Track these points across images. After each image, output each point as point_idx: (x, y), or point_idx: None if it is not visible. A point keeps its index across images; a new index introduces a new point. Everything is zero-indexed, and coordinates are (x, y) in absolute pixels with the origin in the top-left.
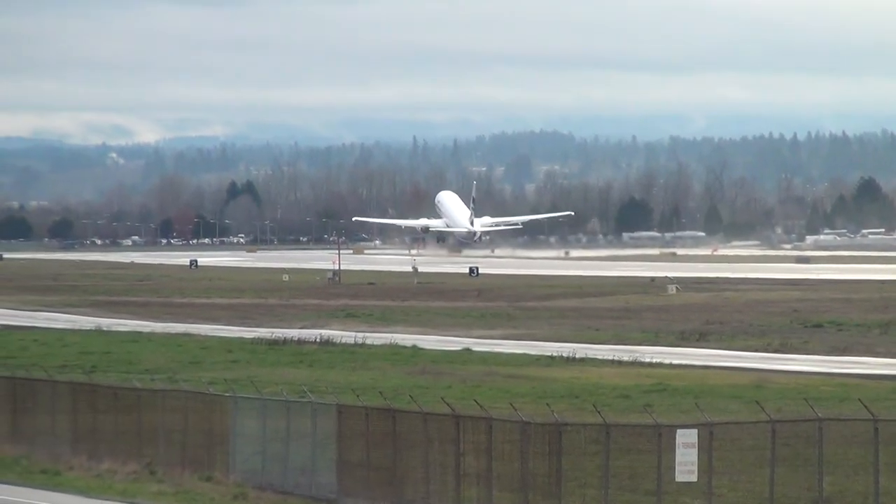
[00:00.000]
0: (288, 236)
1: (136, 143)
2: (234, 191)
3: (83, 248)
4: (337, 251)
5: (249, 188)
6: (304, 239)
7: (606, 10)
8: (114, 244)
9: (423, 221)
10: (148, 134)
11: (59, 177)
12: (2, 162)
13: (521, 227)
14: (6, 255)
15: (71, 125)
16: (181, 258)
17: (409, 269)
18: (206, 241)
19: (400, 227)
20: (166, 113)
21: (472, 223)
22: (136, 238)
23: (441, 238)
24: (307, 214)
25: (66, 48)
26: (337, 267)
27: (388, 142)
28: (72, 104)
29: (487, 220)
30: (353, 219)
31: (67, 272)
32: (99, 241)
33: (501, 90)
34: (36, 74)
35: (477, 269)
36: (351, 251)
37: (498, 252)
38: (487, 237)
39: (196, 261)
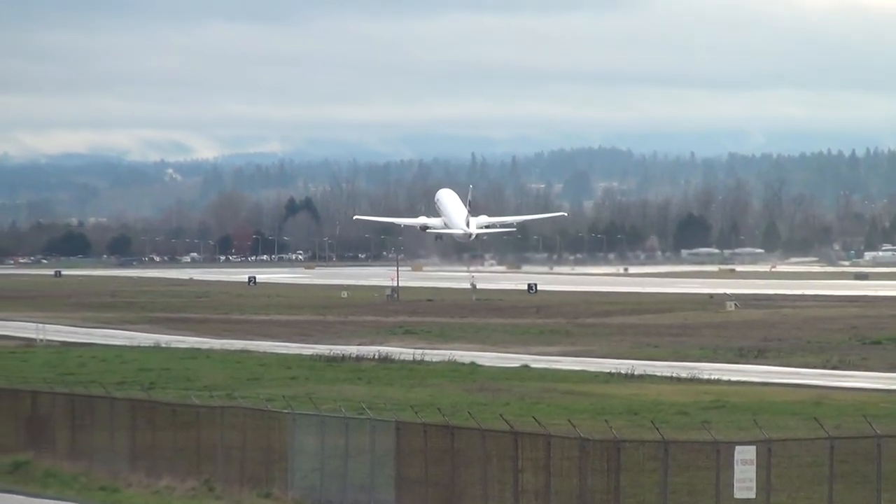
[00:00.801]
0: (346, 253)
1: (194, 159)
2: (292, 207)
3: (141, 264)
4: (395, 268)
5: (308, 204)
6: (363, 256)
7: (663, 27)
8: (172, 261)
9: (421, 220)
10: (206, 150)
11: (117, 193)
12: (60, 178)
13: (514, 227)
14: (65, 272)
15: (129, 141)
16: (239, 275)
17: (468, 285)
18: (265, 257)
19: (400, 225)
20: (224, 129)
21: (468, 224)
22: (194, 255)
23: (438, 237)
24: (365, 231)
25: (123, 65)
26: (395, 284)
27: (446, 158)
28: (130, 121)
29: (484, 219)
30: (354, 217)
31: (126, 289)
32: (157, 258)
33: (559, 107)
34: (93, 91)
35: (535, 285)
36: (409, 268)
37: (556, 268)
38: (485, 237)
39: (254, 277)
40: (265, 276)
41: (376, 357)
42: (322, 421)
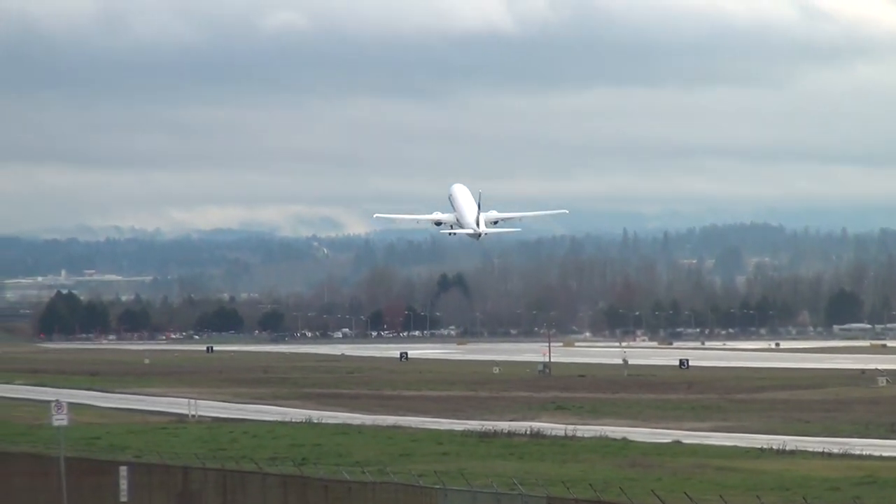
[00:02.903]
0: (498, 328)
1: (345, 235)
2: (444, 283)
3: (293, 340)
4: (547, 343)
5: (459, 280)
6: (514, 331)
7: (811, 103)
8: (324, 336)
9: (435, 216)
10: (357, 226)
11: (268, 269)
12: (212, 254)
13: (520, 224)
14: (217, 348)
15: (280, 217)
16: (391, 350)
17: (620, 361)
18: (417, 333)
19: (416, 220)
20: (375, 205)
21: (478, 223)
22: (346, 330)
23: (452, 233)
24: (517, 306)
25: (274, 141)
26: (547, 359)
27: (598, 233)
28: (281, 196)
29: (494, 214)
30: (375, 216)
31: (278, 364)
32: (309, 334)
33: (709, 182)
34: (245, 167)
35: (687, 360)
36: (561, 343)
37: (708, 343)
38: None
39: (406, 353)
40: (417, 351)
41: (528, 433)
42: (474, 497)
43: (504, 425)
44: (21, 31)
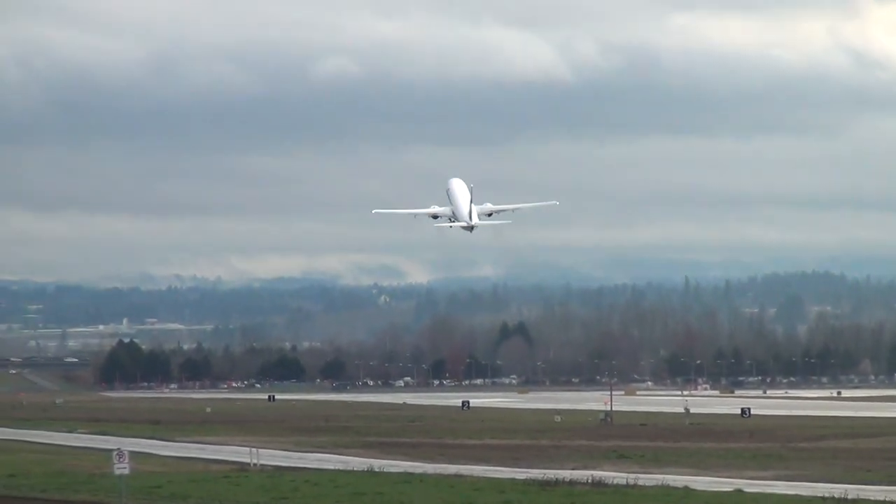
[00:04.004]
0: (559, 377)
1: (407, 283)
2: (505, 331)
3: (355, 388)
4: (609, 392)
5: (521, 329)
6: (576, 380)
7: (868, 151)
8: (386, 385)
9: (432, 209)
10: (419, 275)
11: (330, 317)
12: (274, 302)
13: (512, 216)
14: (278, 396)
15: (341, 266)
16: (453, 399)
17: (681, 409)
18: (478, 381)
19: (413, 214)
20: (437, 253)
21: (471, 216)
22: (408, 379)
23: (451, 225)
24: (579, 355)
25: (332, 189)
26: (609, 408)
27: (659, 282)
28: (341, 245)
29: (488, 206)
30: (373, 211)
31: (339, 413)
32: (371, 382)
33: (771, 231)
34: (305, 215)
35: (749, 409)
36: (622, 392)
37: (770, 392)
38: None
39: (468, 402)
40: (479, 400)
41: (589, 481)
42: None
43: (565, 474)
44: (75, 80)
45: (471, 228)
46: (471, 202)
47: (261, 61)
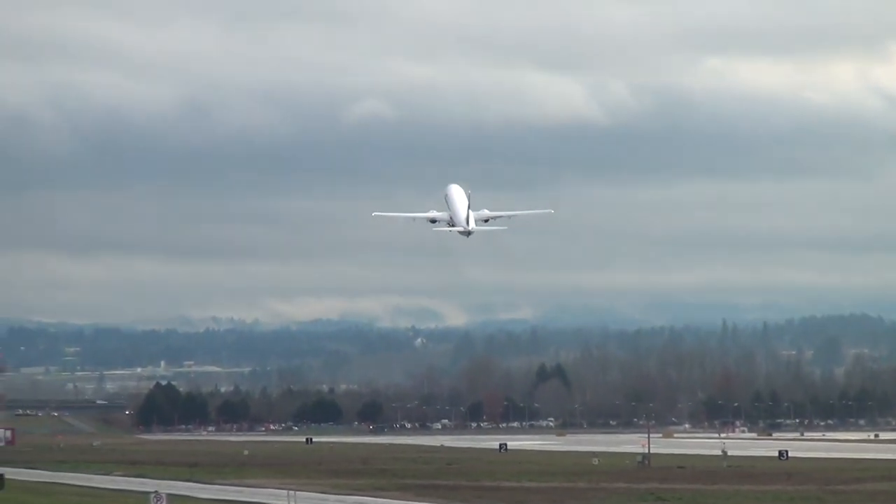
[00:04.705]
0: (597, 419)
1: (444, 326)
2: (543, 374)
3: (392, 431)
4: (646, 434)
5: (559, 371)
6: (613, 422)
7: None
8: (423, 427)
9: (431, 214)
10: (456, 317)
11: (367, 360)
12: (312, 345)
13: (508, 221)
14: (316, 439)
15: (379, 308)
16: (490, 441)
17: (719, 452)
18: (516, 424)
19: (412, 218)
20: (474, 296)
21: (468, 222)
22: (445, 421)
23: (450, 229)
24: (616, 397)
25: (368, 231)
26: (646, 450)
27: (697, 324)
28: (379, 287)
29: (485, 212)
30: (373, 214)
31: (377, 455)
32: (408, 425)
33: (808, 273)
34: (341, 257)
35: (786, 451)
36: (660, 434)
37: (807, 434)
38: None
39: (506, 444)
40: (516, 442)
41: None
42: None
43: None
44: (110, 123)
45: (468, 234)
46: (468, 208)
47: (294, 104)
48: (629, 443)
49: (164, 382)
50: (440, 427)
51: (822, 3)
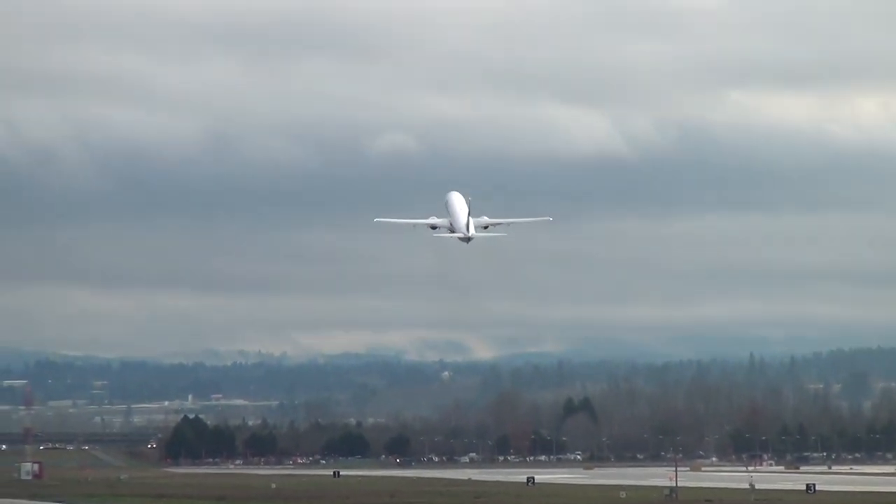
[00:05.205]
0: (624, 452)
1: (471, 359)
2: (570, 407)
3: (420, 464)
4: (674, 467)
5: (586, 405)
6: (641, 456)
7: None
8: (451, 461)
9: (431, 220)
10: (483, 351)
11: (395, 393)
12: (339, 378)
13: (507, 228)
14: (343, 472)
15: (406, 341)
16: (517, 475)
17: (747, 485)
18: (543, 457)
19: (412, 224)
20: (501, 330)
21: (468, 228)
22: (472, 455)
23: (451, 234)
24: (644, 431)
25: (395, 265)
26: (674, 483)
27: (724, 358)
28: (406, 321)
29: (485, 219)
30: (375, 219)
31: (404, 489)
32: (436, 458)
33: (835, 306)
34: (368, 291)
35: (814, 485)
36: (688, 468)
37: (835, 468)
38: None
39: (533, 478)
40: (544, 476)
41: None
42: None
43: None
44: (135, 157)
45: (468, 240)
46: (468, 214)
47: (319, 137)
48: (657, 476)
49: (191, 416)
50: (467, 460)
51: (845, 36)
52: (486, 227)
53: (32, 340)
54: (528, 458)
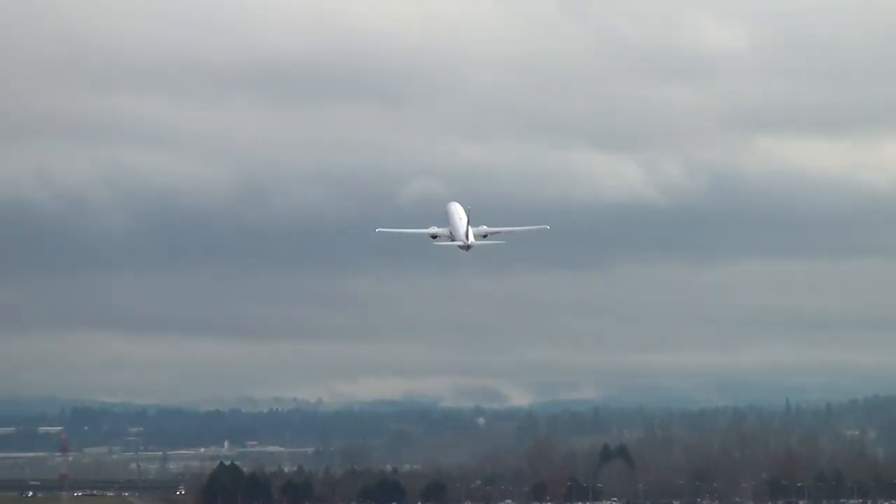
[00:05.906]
0: (661, 499)
1: (508, 406)
2: (606, 454)
3: None
4: None
5: (622, 452)
6: (677, 502)
7: None
8: None
9: (432, 229)
10: (520, 397)
11: (431, 440)
12: (375, 425)
13: (506, 236)
14: None
15: (442, 388)
16: None
17: None
18: None
19: (415, 233)
20: (537, 376)
21: (467, 237)
22: (509, 501)
23: (451, 243)
24: (680, 477)
25: (430, 312)
26: None
27: (760, 404)
28: (442, 367)
29: (484, 228)
30: (377, 230)
31: None
32: None
33: (871, 353)
34: (405, 338)
35: None
36: None
37: None
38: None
39: None
40: None
41: None
42: None
43: None
44: (167, 204)
45: (467, 248)
46: (468, 224)
47: (350, 184)
48: None
49: (227, 462)
50: None
51: (875, 81)
52: (484, 236)
53: (68, 387)
54: None
